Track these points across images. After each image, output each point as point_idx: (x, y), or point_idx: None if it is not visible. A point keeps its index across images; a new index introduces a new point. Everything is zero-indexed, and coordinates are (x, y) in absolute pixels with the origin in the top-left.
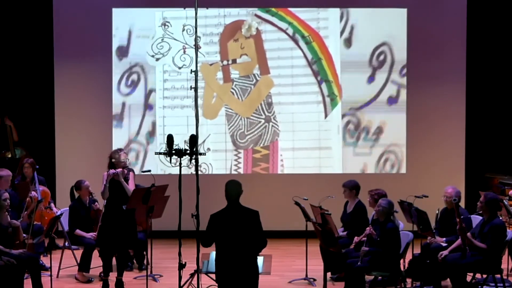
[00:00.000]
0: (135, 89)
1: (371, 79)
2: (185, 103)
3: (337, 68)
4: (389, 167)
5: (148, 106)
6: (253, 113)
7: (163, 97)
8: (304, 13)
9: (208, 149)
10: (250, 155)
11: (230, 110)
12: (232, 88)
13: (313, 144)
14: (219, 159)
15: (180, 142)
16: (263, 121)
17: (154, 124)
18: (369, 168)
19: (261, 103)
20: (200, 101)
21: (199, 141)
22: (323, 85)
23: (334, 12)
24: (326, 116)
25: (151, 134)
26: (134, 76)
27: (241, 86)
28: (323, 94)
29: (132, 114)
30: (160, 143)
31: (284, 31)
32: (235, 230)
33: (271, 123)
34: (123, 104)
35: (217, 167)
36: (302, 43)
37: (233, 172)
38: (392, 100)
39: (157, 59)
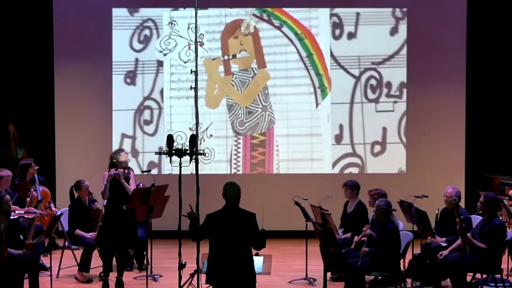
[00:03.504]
0: (148, 46)
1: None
2: (190, 94)
3: (327, 62)
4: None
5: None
6: (251, 103)
7: (170, 88)
8: (297, 13)
9: (211, 135)
10: (248, 141)
11: (230, 100)
12: (232, 81)
13: (305, 131)
14: (220, 145)
15: (185, 129)
16: (260, 110)
17: (161, 112)
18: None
19: (258, 94)
20: (203, 92)
21: (203, 128)
22: (314, 78)
23: (324, 12)
24: (317, 105)
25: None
26: (147, 32)
27: (240, 78)
28: (314, 86)
29: (146, 71)
30: (167, 130)
31: (279, 29)
32: (230, 231)
33: (267, 112)
34: (136, 60)
35: (219, 152)
36: (295, 40)
37: (233, 171)
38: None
39: (165, 54)
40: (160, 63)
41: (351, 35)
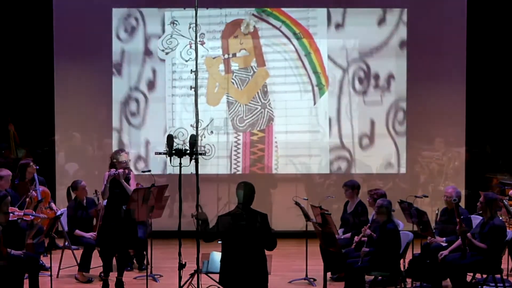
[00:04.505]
0: (134, 36)
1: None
2: (192, 92)
3: (324, 61)
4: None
5: (148, 52)
6: (251, 101)
7: (172, 86)
8: (295, 13)
9: (211, 132)
10: (248, 137)
11: (230, 98)
12: (232, 79)
13: (303, 128)
14: (220, 141)
15: (187, 126)
16: (259, 107)
17: (164, 110)
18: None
19: (257, 92)
20: (204, 90)
21: (204, 125)
22: (312, 76)
23: (322, 12)
24: (315, 103)
25: (150, 87)
26: (133, 22)
27: (240, 77)
28: (312, 84)
29: (132, 62)
30: (169, 127)
31: (278, 29)
32: (242, 232)
33: (266, 109)
34: (122, 52)
35: (219, 148)
36: (293, 39)
37: (233, 167)
38: (403, 44)
39: (167, 53)
40: (147, 52)
41: (338, 26)
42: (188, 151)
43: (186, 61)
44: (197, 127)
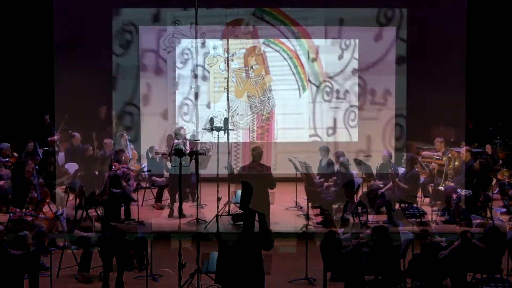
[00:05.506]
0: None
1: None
2: (192, 91)
3: (322, 60)
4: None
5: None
6: (251, 98)
7: (173, 84)
8: (294, 13)
9: (212, 129)
10: (248, 134)
11: (231, 96)
12: (233, 77)
13: (302, 124)
14: (220, 138)
15: (188, 124)
16: (259, 105)
17: (165, 107)
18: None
19: (257, 90)
20: (205, 88)
21: (204, 122)
22: (310, 75)
23: (319, 12)
24: (313, 100)
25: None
26: (128, 36)
27: (240, 75)
28: (310, 82)
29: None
30: (171, 124)
31: (277, 28)
32: (240, 231)
33: (266, 107)
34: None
35: (219, 145)
36: (292, 38)
37: (233, 163)
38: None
39: (168, 52)
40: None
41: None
42: (188, 151)
43: (187, 60)
44: (197, 126)
